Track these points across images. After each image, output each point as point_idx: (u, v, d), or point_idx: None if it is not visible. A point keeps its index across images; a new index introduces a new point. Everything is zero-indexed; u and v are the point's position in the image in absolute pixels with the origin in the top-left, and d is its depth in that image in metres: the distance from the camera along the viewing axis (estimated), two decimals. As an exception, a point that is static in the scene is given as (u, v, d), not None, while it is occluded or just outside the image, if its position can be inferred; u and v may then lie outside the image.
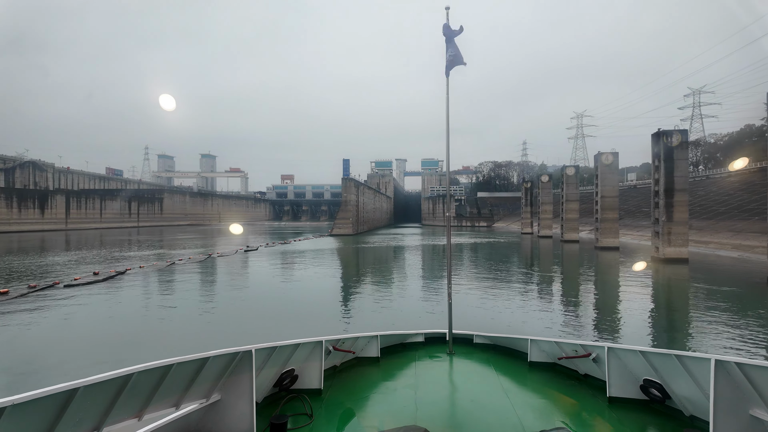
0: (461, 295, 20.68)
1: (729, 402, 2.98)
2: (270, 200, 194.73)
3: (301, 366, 4.41)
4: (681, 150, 33.93)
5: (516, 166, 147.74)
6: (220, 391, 3.37)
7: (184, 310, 18.03)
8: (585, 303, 20.65)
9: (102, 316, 16.95)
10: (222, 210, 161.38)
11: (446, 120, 6.33)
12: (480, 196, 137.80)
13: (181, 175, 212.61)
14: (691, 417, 3.66)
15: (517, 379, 4.82)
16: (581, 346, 4.75)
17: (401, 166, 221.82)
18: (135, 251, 44.62)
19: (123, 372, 2.45)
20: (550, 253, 46.84)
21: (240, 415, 3.33)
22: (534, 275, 29.92)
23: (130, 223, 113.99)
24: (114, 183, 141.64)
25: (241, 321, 16.52)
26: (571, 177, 59.55)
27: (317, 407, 3.99)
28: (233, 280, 27.80)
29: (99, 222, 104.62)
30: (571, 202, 58.10)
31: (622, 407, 4.00)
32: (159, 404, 2.84)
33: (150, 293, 22.32)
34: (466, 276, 27.78)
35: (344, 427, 3.74)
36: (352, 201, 70.03)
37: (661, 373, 3.78)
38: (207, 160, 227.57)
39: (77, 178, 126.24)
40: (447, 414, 3.94)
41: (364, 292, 23.43)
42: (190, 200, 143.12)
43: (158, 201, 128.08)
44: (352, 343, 5.28)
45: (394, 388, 4.57)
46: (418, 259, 40.85)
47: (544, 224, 66.57)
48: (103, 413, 2.43)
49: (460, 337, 6.19)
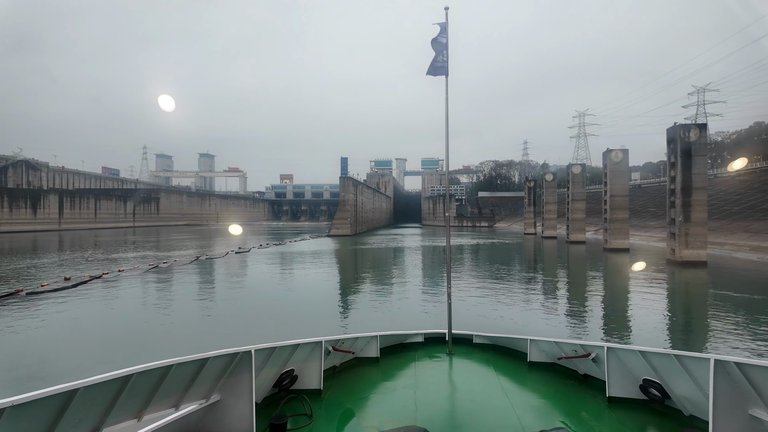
0: (463, 302, 18.70)
1: (728, 402, 2.96)
2: (269, 200, 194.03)
3: (301, 366, 4.39)
4: (699, 146, 31.99)
5: (518, 165, 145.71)
6: (219, 392, 3.37)
7: (140, 325, 15.82)
8: (603, 311, 18.64)
9: (41, 334, 14.34)
10: (220, 210, 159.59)
11: (445, 120, 6.33)
12: (481, 196, 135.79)
13: (179, 175, 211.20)
14: (690, 417, 3.64)
15: (517, 379, 4.79)
16: (581, 346, 4.71)
17: (401, 165, 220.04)
18: (123, 253, 42.65)
19: (122, 373, 2.46)
20: (557, 255, 44.83)
21: (240, 415, 3.32)
22: (542, 280, 27.91)
23: (125, 224, 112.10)
24: (110, 183, 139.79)
25: (203, 341, 13.78)
26: (577, 175, 57.67)
27: (317, 408, 3.98)
28: (212, 288, 25.56)
29: (93, 222, 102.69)
30: (578, 202, 56.33)
31: (621, 407, 3.98)
32: (158, 405, 2.85)
33: (112, 303, 19.61)
34: (467, 280, 25.79)
35: (344, 427, 3.72)
36: (350, 201, 68.06)
37: (660, 373, 3.76)
38: (205, 159, 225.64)
39: (72, 177, 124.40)
40: (447, 414, 3.93)
41: (360, 302, 21.42)
42: (187, 200, 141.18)
43: (155, 201, 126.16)
44: (351, 343, 5.25)
45: (393, 389, 4.56)
46: (418, 262, 38.85)
47: (549, 224, 64.59)
48: (102, 414, 2.44)
49: (460, 337, 6.17)
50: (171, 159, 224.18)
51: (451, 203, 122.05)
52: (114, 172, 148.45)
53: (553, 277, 29.80)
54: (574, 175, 58.42)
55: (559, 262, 39.17)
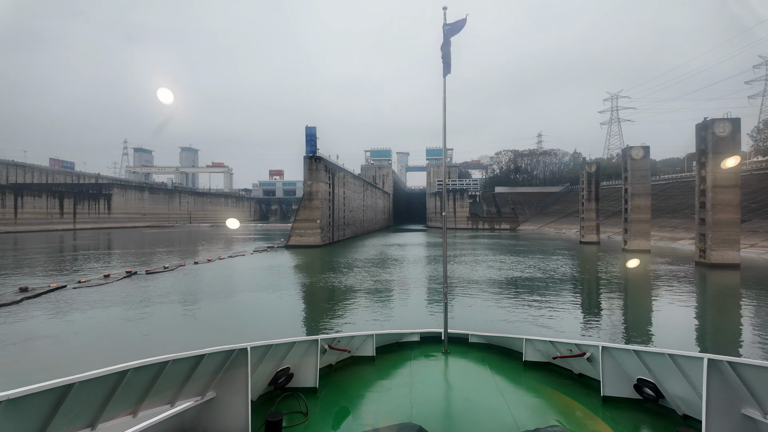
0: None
1: (721, 401, 3.01)
2: (256, 198, 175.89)
3: (297, 364, 4.38)
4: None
5: (541, 155, 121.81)
6: (215, 389, 3.36)
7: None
8: None
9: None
10: (193, 209, 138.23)
11: (443, 120, 6.25)
12: (498, 192, 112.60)
13: (158, 171, 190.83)
14: (684, 416, 3.69)
15: (512, 378, 4.81)
16: (576, 346, 4.74)
17: (403, 160, 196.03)
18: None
19: (118, 368, 2.44)
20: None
21: (235, 412, 3.29)
22: None
23: (62, 225, 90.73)
24: (61, 177, 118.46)
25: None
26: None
27: (312, 405, 4.00)
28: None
29: (13, 224, 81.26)
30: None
31: (615, 406, 4.03)
32: (154, 401, 2.84)
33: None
34: None
35: (339, 425, 3.72)
36: (321, 193, 45.40)
37: (654, 373, 3.84)
38: (188, 154, 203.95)
39: (6, 170, 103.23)
40: (442, 412, 3.94)
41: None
42: (149, 197, 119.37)
43: (105, 198, 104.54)
44: (347, 342, 5.26)
45: (389, 387, 4.56)
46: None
47: (638, 230, 40.55)
48: (97, 409, 2.43)
49: (456, 336, 6.16)
50: (151, 154, 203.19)
51: (464, 200, 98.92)
52: (67, 164, 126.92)
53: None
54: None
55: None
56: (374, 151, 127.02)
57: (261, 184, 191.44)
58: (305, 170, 44.94)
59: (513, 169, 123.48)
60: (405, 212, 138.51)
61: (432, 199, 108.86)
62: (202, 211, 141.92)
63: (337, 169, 53.99)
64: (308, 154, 44.68)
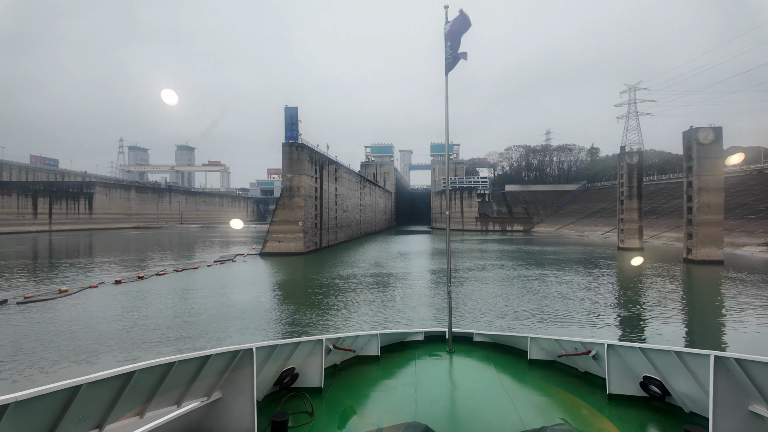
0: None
1: (728, 398, 2.97)
2: (253, 198, 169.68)
3: (302, 364, 4.37)
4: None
5: (555, 151, 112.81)
6: (221, 389, 3.35)
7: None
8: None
9: None
10: (185, 209, 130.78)
11: (445, 120, 6.18)
12: (509, 190, 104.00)
13: (153, 169, 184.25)
14: (690, 413, 3.64)
15: (517, 377, 4.76)
16: (581, 344, 4.70)
17: (406, 158, 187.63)
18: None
19: (125, 369, 2.45)
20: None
21: (241, 413, 3.28)
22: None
23: (35, 227, 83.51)
24: (43, 175, 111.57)
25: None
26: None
27: (318, 405, 3.97)
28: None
29: (-23, 225, 74.05)
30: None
31: (621, 404, 3.97)
32: (161, 402, 2.84)
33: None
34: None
35: (345, 424, 3.71)
36: (304, 189, 37.32)
37: (660, 370, 3.78)
38: (184, 152, 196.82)
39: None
40: (447, 411, 3.91)
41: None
42: (136, 197, 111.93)
43: (86, 197, 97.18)
44: (352, 341, 5.23)
45: (394, 386, 4.53)
46: None
47: (708, 235, 31.50)
48: (105, 411, 2.43)
49: (460, 335, 6.10)
50: (146, 152, 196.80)
51: (472, 199, 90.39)
52: (51, 162, 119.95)
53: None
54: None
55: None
56: (375, 146, 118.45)
57: (259, 183, 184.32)
58: (284, 160, 36.68)
59: (524, 166, 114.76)
60: (408, 212, 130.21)
61: (437, 198, 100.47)
62: (195, 211, 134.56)
63: (326, 161, 45.80)
64: (288, 140, 36.50)
